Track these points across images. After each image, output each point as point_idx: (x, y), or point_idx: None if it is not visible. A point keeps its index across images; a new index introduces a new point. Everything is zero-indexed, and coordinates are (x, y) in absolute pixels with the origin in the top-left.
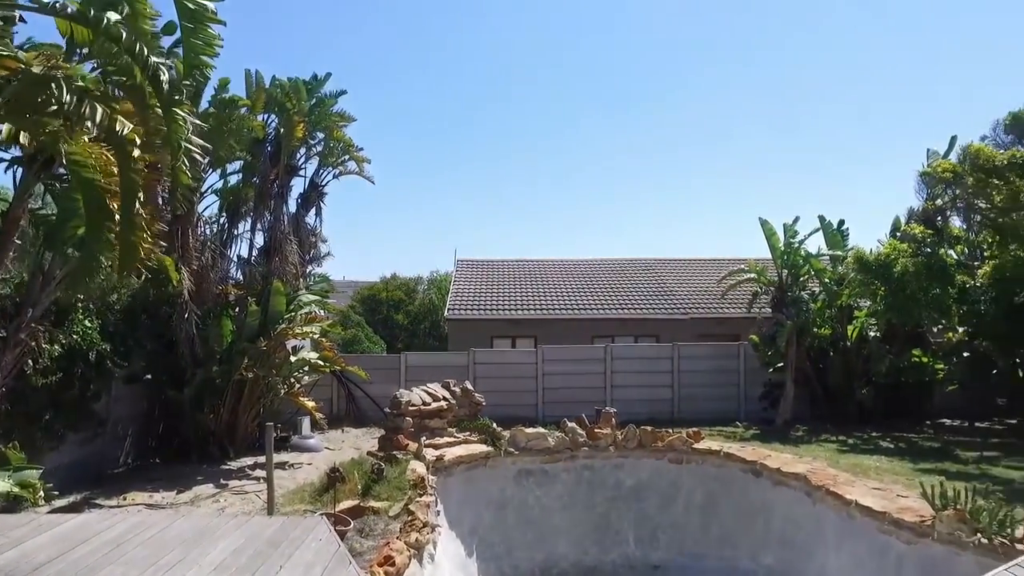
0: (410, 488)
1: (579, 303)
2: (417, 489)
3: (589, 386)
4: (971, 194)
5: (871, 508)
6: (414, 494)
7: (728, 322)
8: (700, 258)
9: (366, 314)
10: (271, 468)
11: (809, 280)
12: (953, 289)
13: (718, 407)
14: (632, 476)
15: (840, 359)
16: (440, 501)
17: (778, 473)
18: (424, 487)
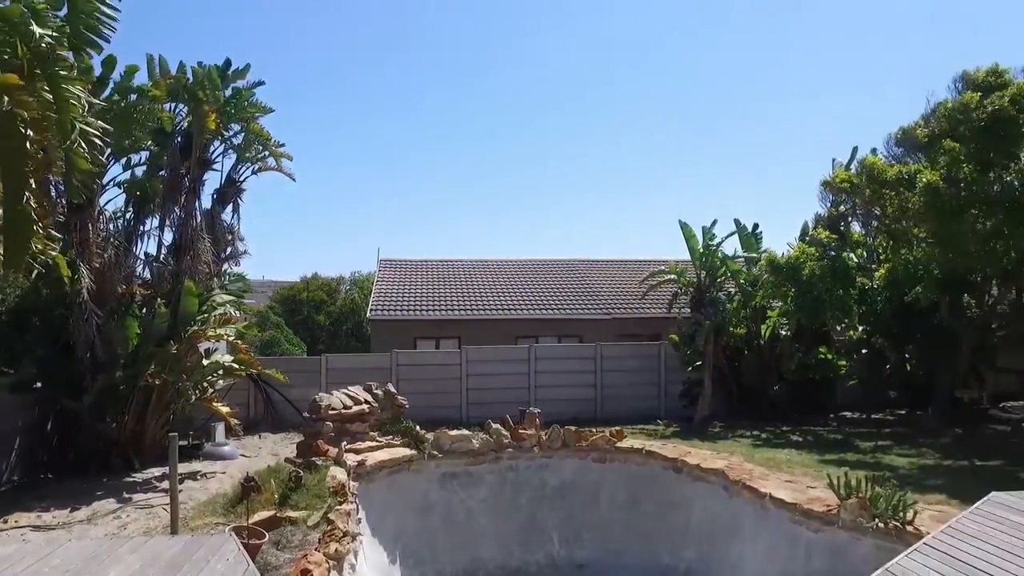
0: (330, 496)
1: (503, 303)
2: (337, 497)
3: (513, 386)
4: (868, 202)
5: (783, 500)
6: (334, 502)
7: (649, 322)
8: (623, 259)
9: (286, 315)
10: (175, 482)
11: (726, 281)
12: (854, 290)
13: (640, 405)
14: (556, 476)
15: (754, 357)
16: (362, 508)
17: (698, 469)
18: (344, 494)
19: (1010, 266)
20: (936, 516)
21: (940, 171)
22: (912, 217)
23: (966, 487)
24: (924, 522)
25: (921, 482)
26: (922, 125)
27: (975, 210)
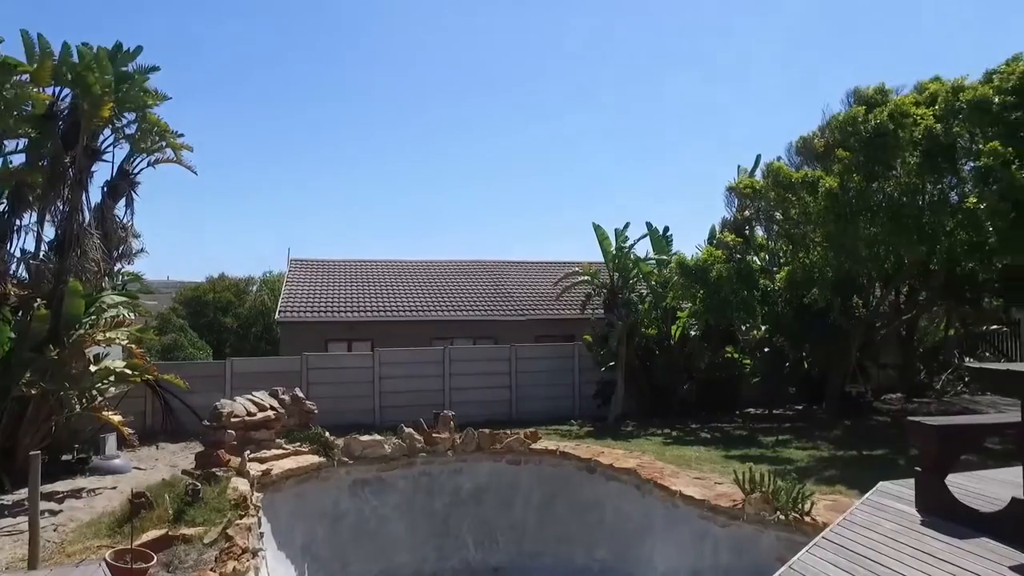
0: (231, 509)
1: (418, 305)
2: (238, 510)
3: (428, 389)
4: (772, 207)
5: (693, 497)
6: (234, 516)
7: (563, 323)
8: (537, 261)
9: (190, 317)
10: (35, 510)
11: (638, 283)
12: (758, 292)
13: (554, 406)
14: (471, 480)
15: (665, 357)
16: (266, 520)
17: (611, 469)
18: (246, 507)
19: (891, 270)
20: (831, 505)
21: (836, 179)
22: (813, 221)
23: (856, 476)
24: (820, 512)
25: (817, 473)
26: (819, 135)
27: (863, 217)
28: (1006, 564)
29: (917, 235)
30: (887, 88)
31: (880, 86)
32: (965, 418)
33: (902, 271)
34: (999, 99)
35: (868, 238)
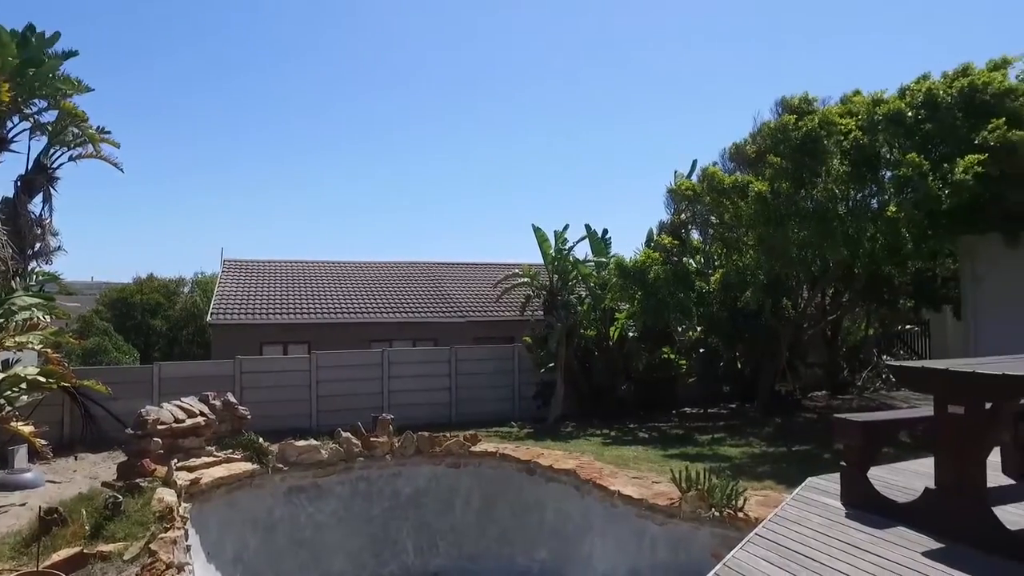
0: (155, 522)
1: (356, 307)
2: (163, 522)
3: (367, 392)
4: (707, 211)
5: (631, 496)
6: (159, 529)
7: (503, 324)
8: (477, 263)
9: (116, 320)
10: None
11: (577, 284)
12: (693, 293)
13: (495, 408)
14: (410, 484)
15: (604, 358)
16: (195, 532)
17: (550, 470)
18: (172, 518)
19: (817, 273)
20: (762, 501)
21: (767, 184)
22: (746, 224)
23: (785, 471)
24: (753, 508)
25: (750, 470)
26: (750, 142)
27: (793, 221)
28: (919, 551)
29: (842, 240)
30: (811, 98)
31: (805, 96)
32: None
33: (828, 274)
34: (911, 113)
35: (797, 242)
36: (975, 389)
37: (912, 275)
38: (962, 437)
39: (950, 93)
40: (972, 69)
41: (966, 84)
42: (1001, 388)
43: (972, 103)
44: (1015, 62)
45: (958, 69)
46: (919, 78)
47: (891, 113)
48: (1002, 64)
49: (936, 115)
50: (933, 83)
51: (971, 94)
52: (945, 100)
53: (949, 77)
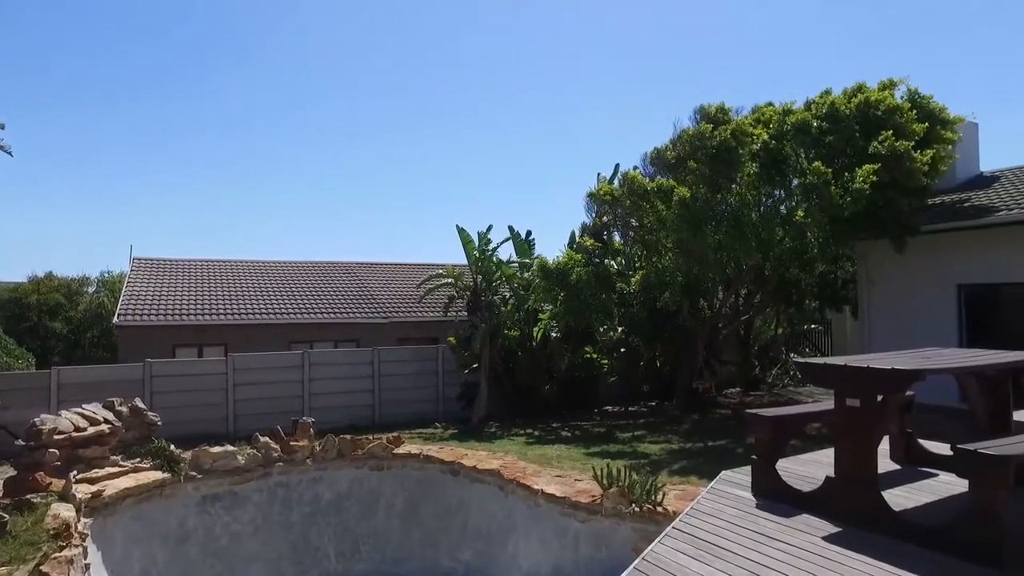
0: (47, 541)
1: (275, 307)
2: (58, 540)
3: (287, 395)
4: (628, 214)
5: (554, 495)
6: (52, 548)
7: (427, 325)
8: (400, 263)
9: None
10: None
11: (501, 285)
12: (615, 294)
13: (419, 409)
14: (332, 488)
15: (528, 358)
16: (96, 548)
17: (474, 471)
18: (69, 536)
19: (732, 274)
20: (681, 495)
21: (687, 189)
22: (666, 228)
23: (702, 466)
24: (671, 502)
25: (669, 465)
26: (670, 148)
27: (710, 225)
28: (820, 535)
29: (755, 243)
30: (727, 107)
31: (721, 105)
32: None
33: (741, 276)
34: (817, 124)
35: (714, 245)
36: (869, 383)
37: (817, 278)
38: (858, 428)
39: (849, 108)
40: (866, 87)
41: (862, 100)
42: (891, 381)
43: (867, 118)
44: (900, 84)
45: (855, 86)
46: (823, 92)
47: (798, 123)
48: (889, 85)
49: (838, 127)
50: (835, 97)
51: (866, 109)
52: (845, 114)
53: (848, 93)
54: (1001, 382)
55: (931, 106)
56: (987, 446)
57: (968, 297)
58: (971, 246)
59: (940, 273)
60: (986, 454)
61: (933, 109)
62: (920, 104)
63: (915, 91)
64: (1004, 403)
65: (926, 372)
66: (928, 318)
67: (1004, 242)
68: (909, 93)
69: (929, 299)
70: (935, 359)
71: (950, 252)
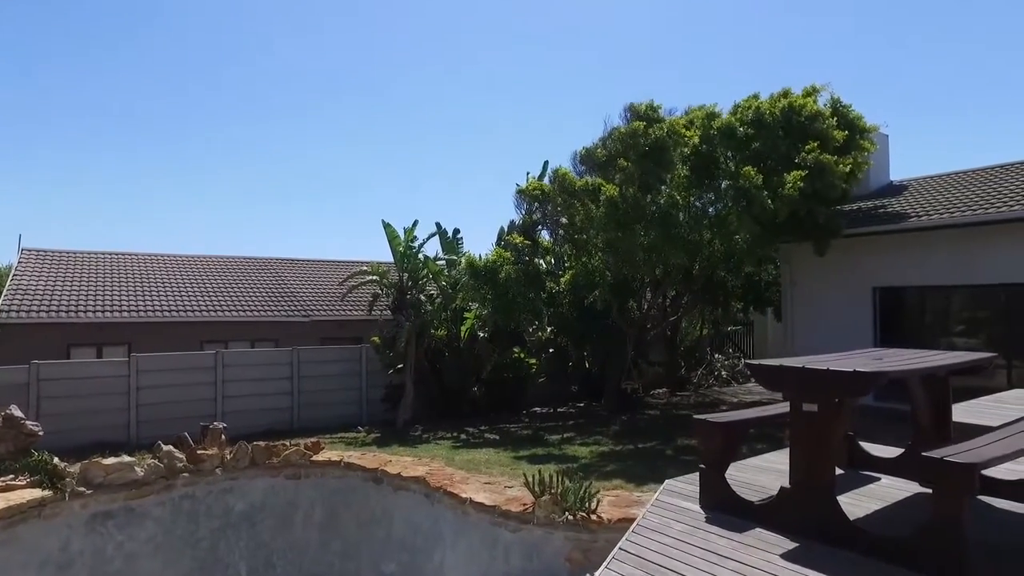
0: None
1: (187, 305)
2: None
3: (198, 398)
4: (558, 211)
5: (483, 503)
6: None
7: (350, 324)
8: (323, 259)
9: None
10: None
11: (428, 283)
12: (544, 294)
13: (341, 412)
14: (244, 500)
15: (455, 359)
16: None
17: (398, 478)
18: None
19: (660, 275)
20: (614, 501)
21: (617, 188)
22: (595, 227)
23: (633, 469)
24: (605, 508)
25: (600, 468)
26: (601, 146)
27: (639, 225)
28: (777, 552)
29: (683, 245)
30: (656, 105)
31: (651, 103)
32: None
33: (669, 276)
34: (743, 128)
35: (643, 245)
36: (829, 386)
37: (743, 279)
38: (815, 434)
39: (774, 113)
40: (791, 93)
41: (786, 105)
42: (853, 384)
43: (791, 123)
44: (823, 91)
45: (780, 92)
46: (750, 96)
47: (724, 127)
48: (813, 91)
49: (763, 132)
50: (761, 102)
51: (790, 115)
52: (769, 119)
53: (774, 98)
54: (944, 383)
55: (851, 114)
56: (952, 453)
57: (882, 299)
58: (885, 251)
59: (857, 276)
60: (952, 462)
61: (853, 118)
62: (841, 112)
63: (837, 99)
64: (946, 404)
65: (888, 375)
66: (847, 319)
67: (913, 247)
68: (832, 100)
69: (847, 301)
70: (888, 360)
71: (867, 256)
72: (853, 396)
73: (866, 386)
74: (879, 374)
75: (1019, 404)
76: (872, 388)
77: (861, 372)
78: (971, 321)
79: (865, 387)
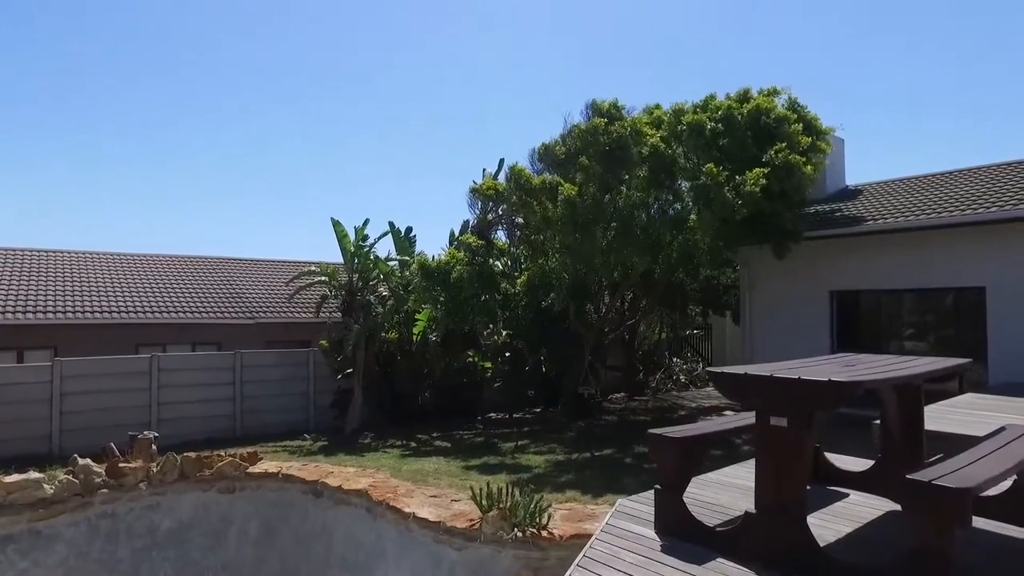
0: None
1: (120, 305)
2: None
3: (130, 406)
4: (514, 211)
5: (428, 519)
6: None
7: (298, 327)
8: (271, 259)
9: None
10: None
11: (379, 284)
12: (499, 295)
13: (288, 419)
14: (172, 517)
15: (406, 363)
16: None
17: (339, 491)
18: None
19: (619, 278)
20: (567, 515)
21: (576, 187)
22: (553, 228)
23: (589, 479)
24: (557, 524)
25: (554, 479)
26: (560, 143)
27: (598, 227)
28: None
29: (644, 246)
30: (620, 104)
31: (614, 101)
32: (702, 426)
33: (628, 279)
34: (711, 126)
35: (602, 247)
36: (800, 398)
37: (702, 282)
38: (784, 452)
39: (742, 113)
40: (750, 93)
41: (754, 107)
42: (827, 396)
43: (758, 124)
44: (782, 93)
45: (741, 92)
46: (707, 97)
47: (693, 123)
48: (772, 93)
49: (732, 131)
50: (731, 101)
51: (757, 116)
52: (739, 120)
53: (734, 99)
54: (918, 391)
55: (808, 116)
56: (940, 475)
57: (839, 302)
58: (842, 254)
59: (816, 279)
60: (945, 487)
61: (810, 119)
62: (800, 113)
63: (795, 100)
64: (918, 413)
65: (864, 384)
66: (805, 322)
67: (869, 251)
68: (790, 102)
69: (805, 304)
70: (861, 368)
71: (825, 259)
72: (828, 408)
73: (842, 397)
74: (855, 384)
75: (977, 409)
76: (848, 399)
77: (837, 382)
78: (925, 324)
79: (840, 398)
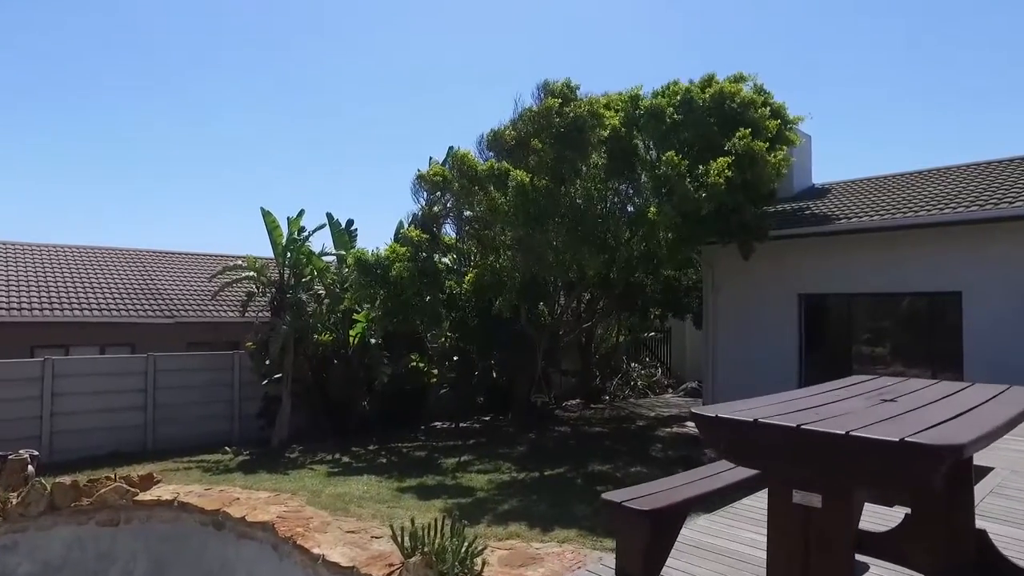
0: None
1: (11, 302)
2: None
3: (14, 417)
4: (459, 201)
5: (339, 564)
6: None
7: (227, 327)
8: (193, 252)
9: None
10: None
11: (314, 281)
12: (443, 295)
13: (209, 429)
14: (34, 558)
15: (343, 368)
16: None
17: (243, 523)
18: None
19: (573, 278)
20: (505, 557)
21: (528, 175)
22: (502, 220)
23: (536, 506)
24: (494, 569)
25: (496, 506)
26: (510, 128)
27: (553, 220)
28: None
29: (598, 246)
30: (573, 84)
31: (567, 81)
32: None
33: (584, 279)
34: (671, 111)
35: (555, 243)
36: (853, 468)
37: (662, 284)
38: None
39: (703, 98)
40: (716, 80)
41: (717, 91)
42: (899, 467)
43: (722, 109)
44: (748, 80)
45: (705, 77)
46: (670, 83)
47: (652, 108)
48: (739, 79)
49: (693, 117)
50: (691, 86)
51: (721, 100)
52: (699, 104)
53: (699, 84)
54: None
55: (775, 104)
56: None
57: (808, 306)
58: (811, 256)
59: (783, 282)
60: None
61: (777, 107)
62: (766, 99)
63: (761, 86)
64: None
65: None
66: (772, 327)
67: (839, 254)
68: (756, 88)
69: (773, 308)
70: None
71: (792, 261)
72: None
73: (927, 470)
74: (955, 449)
75: None
76: (934, 474)
77: (916, 444)
78: (898, 331)
79: (924, 472)
